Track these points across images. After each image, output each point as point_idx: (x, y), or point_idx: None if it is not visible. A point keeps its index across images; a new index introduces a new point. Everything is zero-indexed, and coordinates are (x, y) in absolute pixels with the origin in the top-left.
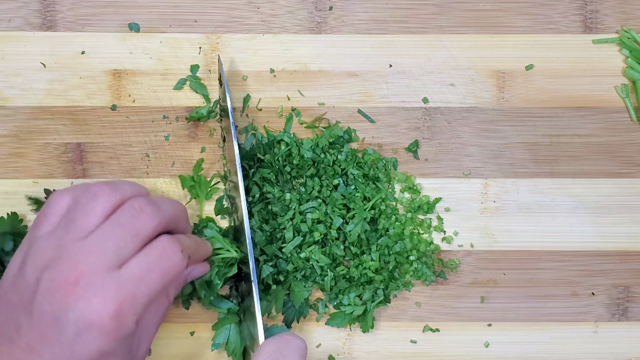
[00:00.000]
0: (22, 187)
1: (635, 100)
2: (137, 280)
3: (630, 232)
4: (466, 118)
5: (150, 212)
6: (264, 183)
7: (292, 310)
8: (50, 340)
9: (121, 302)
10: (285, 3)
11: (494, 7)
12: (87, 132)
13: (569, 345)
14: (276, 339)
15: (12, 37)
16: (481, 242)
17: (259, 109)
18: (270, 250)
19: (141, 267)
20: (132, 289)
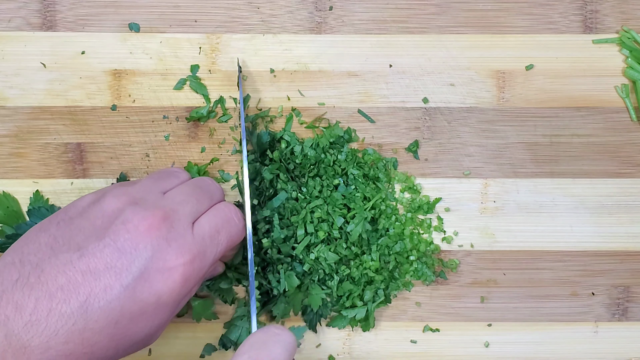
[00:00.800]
0: (22, 187)
1: (635, 100)
2: (209, 238)
3: (630, 232)
4: (466, 118)
5: (219, 186)
6: (278, 180)
7: (312, 313)
8: (115, 268)
9: (195, 255)
10: (285, 3)
11: (494, 7)
12: (87, 132)
13: (569, 345)
14: (263, 331)
15: (12, 37)
16: (481, 242)
17: (258, 109)
18: (285, 249)
19: (211, 225)
20: (204, 245)
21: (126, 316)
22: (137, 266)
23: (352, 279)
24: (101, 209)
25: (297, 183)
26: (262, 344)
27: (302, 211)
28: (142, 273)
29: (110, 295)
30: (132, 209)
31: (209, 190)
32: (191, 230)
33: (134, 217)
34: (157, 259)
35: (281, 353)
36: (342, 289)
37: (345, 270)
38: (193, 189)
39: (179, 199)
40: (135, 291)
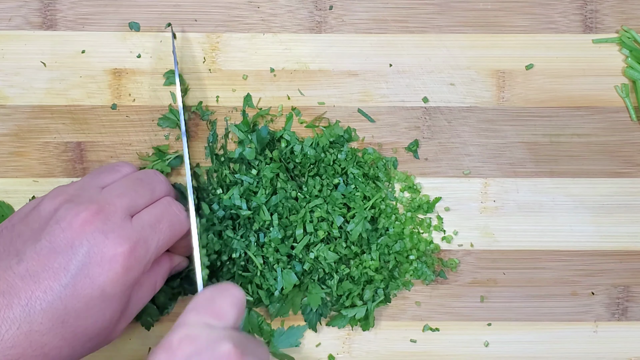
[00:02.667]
0: (22, 186)
1: (635, 100)
2: (149, 227)
3: (630, 232)
4: (466, 117)
5: (164, 179)
6: (277, 180)
7: (311, 312)
8: (54, 268)
9: (135, 243)
10: (285, 2)
11: (494, 7)
12: (87, 131)
13: (569, 345)
14: (212, 287)
15: (12, 36)
16: (481, 241)
17: (258, 108)
18: (284, 250)
19: (151, 216)
20: (144, 234)
21: (72, 314)
22: (74, 263)
23: (351, 278)
24: (38, 212)
25: (296, 182)
26: (209, 300)
27: (302, 210)
28: (80, 269)
29: (50, 296)
30: (66, 207)
31: (150, 183)
32: (129, 220)
33: (67, 214)
34: (95, 253)
35: (229, 308)
36: (342, 288)
37: (345, 270)
38: (133, 182)
39: (117, 192)
40: (76, 288)
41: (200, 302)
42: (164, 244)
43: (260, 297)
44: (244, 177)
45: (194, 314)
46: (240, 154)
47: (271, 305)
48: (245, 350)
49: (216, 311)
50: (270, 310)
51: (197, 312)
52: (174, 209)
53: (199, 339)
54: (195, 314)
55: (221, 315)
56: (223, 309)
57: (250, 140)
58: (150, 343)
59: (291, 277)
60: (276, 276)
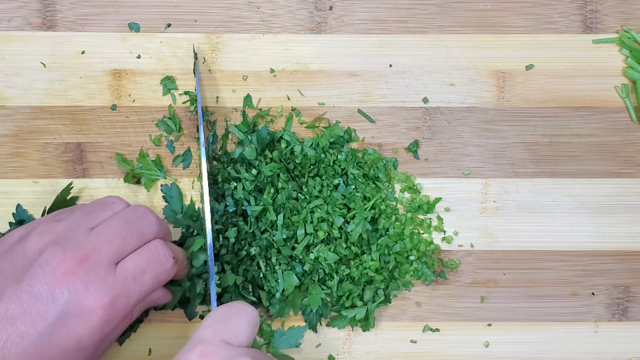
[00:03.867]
0: (22, 187)
1: (635, 100)
2: (132, 278)
3: (630, 232)
4: (466, 118)
5: (154, 219)
6: (278, 180)
7: (311, 313)
8: (32, 314)
9: (115, 297)
10: (285, 3)
11: (494, 7)
12: (87, 132)
13: (569, 345)
14: (227, 306)
15: (12, 37)
16: (481, 242)
17: (258, 108)
18: (287, 251)
19: (136, 266)
20: (126, 286)
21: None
22: (53, 313)
23: (352, 278)
24: (23, 250)
25: (297, 183)
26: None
27: (302, 211)
28: (58, 319)
29: (26, 342)
30: (51, 250)
31: (139, 226)
32: (113, 271)
33: (52, 260)
34: (74, 304)
35: (245, 326)
36: (342, 288)
37: (345, 270)
38: (122, 225)
39: (105, 237)
40: (52, 337)
41: (217, 319)
42: (146, 294)
43: (260, 298)
44: (247, 175)
45: (210, 331)
46: (240, 154)
47: (271, 306)
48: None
49: (232, 329)
50: (271, 311)
51: (214, 329)
52: (161, 257)
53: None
54: (212, 332)
55: (237, 333)
56: (239, 327)
57: (250, 140)
58: (150, 343)
59: (292, 278)
60: (277, 278)
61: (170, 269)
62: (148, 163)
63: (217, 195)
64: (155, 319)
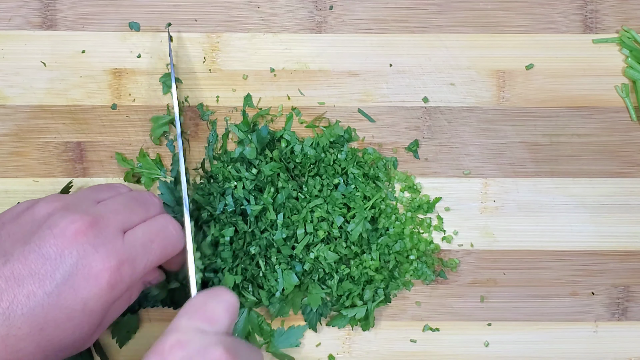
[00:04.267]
0: (22, 186)
1: (635, 100)
2: (140, 245)
3: (630, 232)
4: (466, 117)
5: (158, 201)
6: (278, 180)
7: (311, 312)
8: (39, 274)
9: (123, 261)
10: (285, 2)
11: (494, 7)
12: (87, 131)
13: (569, 345)
14: (205, 292)
15: (12, 36)
16: (481, 241)
17: (259, 108)
18: (286, 251)
19: (144, 234)
20: (134, 252)
21: (51, 323)
22: (61, 273)
23: (352, 278)
24: (32, 214)
25: (297, 182)
26: (202, 304)
27: (302, 210)
28: (66, 280)
29: (33, 302)
30: (60, 214)
31: (145, 203)
32: (121, 237)
33: (61, 221)
34: (83, 265)
35: (222, 312)
36: (342, 288)
37: (345, 270)
38: (129, 200)
39: (112, 207)
40: (60, 298)
41: (193, 307)
42: (153, 263)
43: (260, 298)
44: (247, 174)
45: (185, 318)
46: (240, 154)
47: (271, 305)
48: (238, 355)
49: (208, 316)
50: (271, 310)
51: (189, 316)
52: (170, 229)
53: (191, 344)
54: (187, 319)
55: (213, 320)
56: (216, 313)
57: (250, 140)
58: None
59: (292, 278)
60: (277, 277)
61: (179, 241)
62: (148, 162)
63: (217, 193)
64: (155, 319)
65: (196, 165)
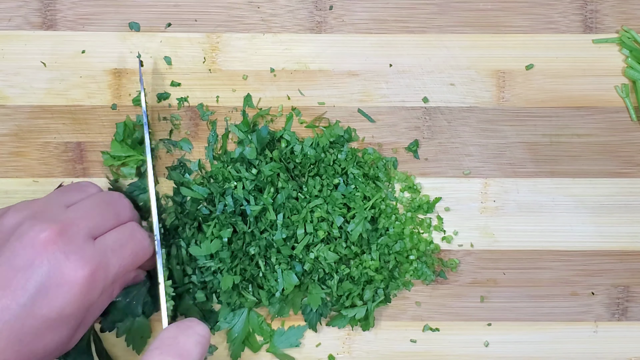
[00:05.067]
0: (22, 186)
1: (635, 100)
2: (111, 250)
3: (630, 232)
4: (466, 118)
5: (128, 203)
6: (278, 180)
7: (311, 312)
8: (11, 287)
9: (96, 267)
10: (285, 2)
11: (494, 7)
12: (87, 131)
13: (569, 345)
14: (176, 325)
15: (12, 36)
16: (481, 241)
17: (259, 108)
18: (286, 251)
19: (115, 240)
20: (106, 258)
21: (28, 333)
22: (33, 283)
23: (351, 278)
24: (0, 225)
25: (297, 182)
26: (173, 339)
27: (302, 210)
28: (39, 289)
29: (7, 315)
30: (29, 223)
31: (115, 207)
32: (92, 243)
33: (29, 231)
34: (55, 274)
35: (193, 347)
36: (342, 288)
37: (345, 270)
38: (98, 204)
39: (81, 212)
40: (34, 308)
41: (164, 342)
42: (125, 269)
43: (260, 298)
44: (247, 174)
45: (157, 353)
46: (240, 154)
47: (271, 305)
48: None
49: (180, 351)
50: (271, 310)
51: (161, 351)
52: (139, 236)
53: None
54: (159, 354)
55: (185, 354)
56: (187, 348)
57: (250, 140)
58: None
59: (292, 278)
60: (277, 277)
61: (148, 247)
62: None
63: (217, 194)
64: (155, 319)
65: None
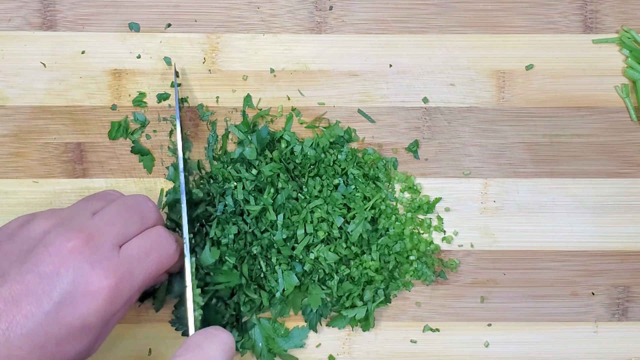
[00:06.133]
0: (22, 187)
1: (635, 100)
2: (136, 260)
3: (630, 232)
4: (466, 118)
5: (153, 205)
6: (278, 180)
7: (312, 313)
8: (37, 293)
9: (121, 277)
10: (285, 3)
11: (494, 7)
12: (87, 132)
13: (569, 345)
14: (201, 332)
15: (12, 37)
16: (481, 242)
17: (258, 108)
18: (286, 251)
19: (140, 248)
20: (131, 267)
21: (52, 340)
22: (58, 291)
23: (352, 278)
24: (28, 232)
25: (297, 183)
26: (197, 346)
27: (302, 211)
28: (64, 298)
29: (32, 322)
30: (56, 231)
31: (140, 211)
32: (117, 251)
33: (56, 239)
34: (80, 283)
35: (218, 354)
36: (342, 288)
37: (345, 270)
38: (123, 209)
39: (107, 219)
40: (59, 316)
41: (189, 348)
42: (150, 277)
43: (261, 299)
44: (247, 175)
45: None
46: (240, 154)
47: (272, 306)
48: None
49: (204, 357)
50: (272, 311)
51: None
52: (164, 242)
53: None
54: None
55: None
56: (211, 355)
57: (250, 140)
58: (150, 343)
59: (292, 278)
60: (277, 278)
61: (173, 253)
62: None
63: (217, 195)
64: (156, 319)
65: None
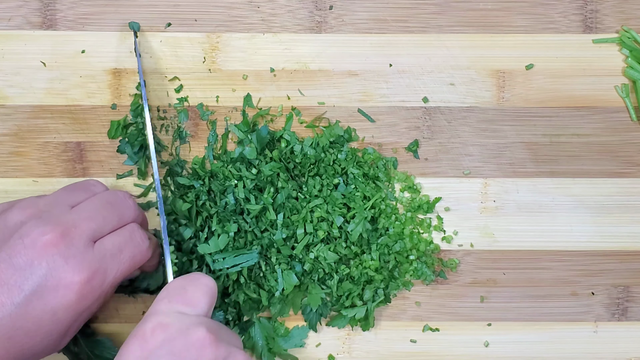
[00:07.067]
0: (22, 186)
1: (635, 100)
2: (110, 256)
3: (630, 232)
4: (466, 117)
5: (132, 203)
6: (278, 180)
7: (311, 312)
8: (7, 285)
9: (94, 272)
10: (285, 2)
11: (494, 7)
12: (87, 131)
13: (569, 345)
14: (183, 277)
15: (12, 36)
16: (481, 241)
17: (258, 108)
18: (286, 251)
19: (114, 244)
20: (104, 263)
21: (19, 332)
22: (30, 284)
23: (351, 278)
24: (5, 221)
25: (297, 182)
26: (181, 288)
27: (302, 210)
28: (35, 290)
29: (1, 312)
30: (33, 223)
31: (119, 209)
32: (92, 247)
33: (32, 232)
34: (52, 277)
35: (200, 297)
36: (342, 288)
37: (345, 270)
38: (102, 205)
39: (85, 214)
40: (28, 308)
41: (172, 291)
42: (123, 274)
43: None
44: (247, 174)
45: (165, 302)
46: (240, 154)
47: (271, 305)
48: (219, 335)
49: (188, 299)
50: (272, 311)
51: (169, 300)
52: (137, 239)
53: (172, 326)
54: (167, 302)
55: (193, 303)
56: (195, 297)
57: (250, 140)
58: None
59: (292, 278)
60: (277, 277)
61: (145, 251)
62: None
63: (218, 192)
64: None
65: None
